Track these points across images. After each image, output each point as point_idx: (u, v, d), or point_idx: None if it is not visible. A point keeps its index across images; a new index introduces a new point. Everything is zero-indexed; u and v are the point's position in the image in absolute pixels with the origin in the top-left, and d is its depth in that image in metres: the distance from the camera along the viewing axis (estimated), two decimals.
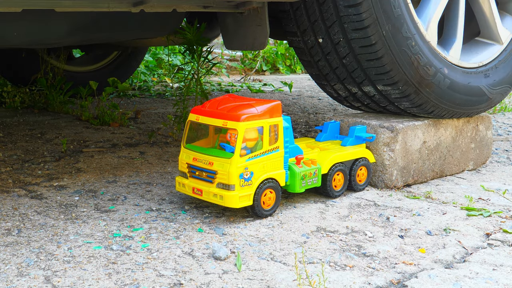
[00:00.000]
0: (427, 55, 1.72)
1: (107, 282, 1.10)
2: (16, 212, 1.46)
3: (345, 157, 1.62)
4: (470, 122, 1.93)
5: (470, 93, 1.84)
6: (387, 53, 1.65)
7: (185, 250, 1.25)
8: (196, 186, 1.44)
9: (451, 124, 1.86)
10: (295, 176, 1.48)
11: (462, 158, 1.93)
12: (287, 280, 1.13)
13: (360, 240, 1.34)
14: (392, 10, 1.63)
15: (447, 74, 1.77)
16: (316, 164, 1.53)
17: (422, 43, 1.71)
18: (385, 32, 1.63)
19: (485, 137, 2.00)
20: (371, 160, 1.69)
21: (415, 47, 1.69)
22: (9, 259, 1.19)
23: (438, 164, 1.85)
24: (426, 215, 1.52)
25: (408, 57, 1.68)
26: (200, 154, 1.44)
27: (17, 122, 2.56)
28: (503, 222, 1.48)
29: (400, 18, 1.65)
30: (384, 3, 1.62)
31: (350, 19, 1.63)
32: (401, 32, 1.66)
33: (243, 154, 1.38)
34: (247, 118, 1.38)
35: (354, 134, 1.68)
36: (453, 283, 1.13)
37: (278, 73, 5.08)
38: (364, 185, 1.69)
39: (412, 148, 1.75)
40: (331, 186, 1.59)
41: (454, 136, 1.88)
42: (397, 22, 1.65)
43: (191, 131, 1.50)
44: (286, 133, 1.49)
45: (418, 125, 1.76)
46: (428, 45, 1.73)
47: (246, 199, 1.40)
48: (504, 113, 3.20)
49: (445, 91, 1.77)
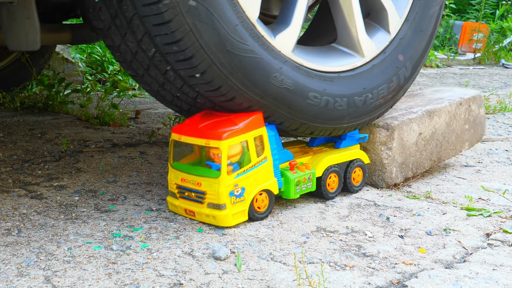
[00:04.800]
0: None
1: (107, 282, 1.10)
2: (16, 212, 1.46)
3: (338, 159, 1.61)
4: (462, 104, 1.93)
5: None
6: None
7: (185, 250, 1.25)
8: (187, 208, 1.42)
9: (444, 110, 1.86)
10: (289, 182, 1.47)
11: (458, 141, 1.93)
12: (287, 280, 1.13)
13: (360, 240, 1.34)
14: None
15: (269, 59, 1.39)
16: (310, 169, 1.52)
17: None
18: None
19: (478, 116, 2.00)
20: (365, 161, 1.69)
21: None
22: (9, 259, 1.19)
23: (435, 152, 1.85)
24: (426, 215, 1.52)
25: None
26: (187, 175, 1.41)
27: (17, 122, 2.56)
28: (503, 222, 1.48)
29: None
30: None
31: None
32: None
33: (230, 171, 1.35)
34: (229, 135, 1.35)
35: (347, 135, 1.67)
36: (453, 283, 1.13)
37: None
38: (360, 186, 1.69)
39: (408, 142, 1.75)
40: (325, 188, 1.58)
41: (448, 122, 1.88)
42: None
43: (176, 149, 1.46)
44: (272, 140, 1.45)
45: (413, 118, 1.76)
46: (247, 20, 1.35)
47: (240, 216, 1.39)
48: (504, 113, 3.20)
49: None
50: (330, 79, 1.54)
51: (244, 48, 1.34)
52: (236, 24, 1.32)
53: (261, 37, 1.38)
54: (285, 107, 1.44)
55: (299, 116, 1.48)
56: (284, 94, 1.43)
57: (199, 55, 1.30)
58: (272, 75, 1.40)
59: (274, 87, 1.41)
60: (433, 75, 5.18)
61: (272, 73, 1.40)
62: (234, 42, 1.32)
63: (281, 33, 1.45)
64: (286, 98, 1.43)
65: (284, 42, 1.44)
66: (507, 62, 6.38)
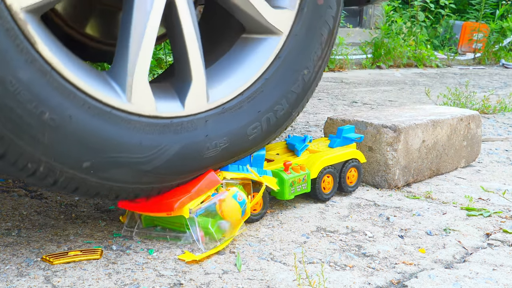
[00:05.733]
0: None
1: (107, 282, 1.10)
2: (16, 212, 1.46)
3: (334, 159, 1.59)
4: (463, 120, 1.94)
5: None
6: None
7: (185, 250, 1.25)
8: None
9: (446, 122, 1.87)
10: (284, 183, 1.45)
11: (456, 156, 1.95)
12: (287, 280, 1.13)
13: (360, 240, 1.34)
14: None
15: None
16: (305, 170, 1.51)
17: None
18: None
19: (475, 135, 2.03)
20: (361, 161, 1.68)
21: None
22: (9, 259, 1.19)
23: (435, 163, 1.86)
24: (426, 215, 1.52)
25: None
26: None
27: None
28: (503, 222, 1.49)
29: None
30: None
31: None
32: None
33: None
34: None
35: (342, 135, 1.66)
36: (453, 283, 1.13)
37: None
38: (354, 187, 1.67)
39: (412, 147, 1.75)
40: (320, 189, 1.57)
41: (449, 135, 1.90)
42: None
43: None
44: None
45: (419, 124, 1.77)
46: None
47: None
48: (504, 113, 3.20)
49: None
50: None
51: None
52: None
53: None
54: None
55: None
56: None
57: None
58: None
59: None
60: (433, 75, 5.18)
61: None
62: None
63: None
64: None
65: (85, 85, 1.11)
66: (507, 62, 6.38)
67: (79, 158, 1.10)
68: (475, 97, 3.44)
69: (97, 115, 1.10)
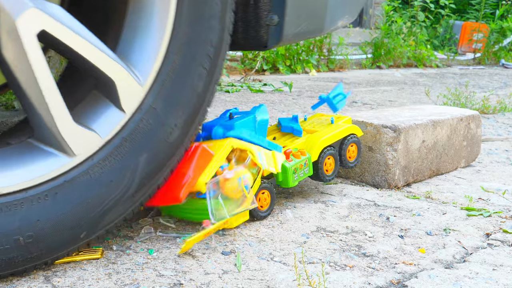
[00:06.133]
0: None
1: (107, 282, 1.10)
2: None
3: (333, 138, 1.58)
4: (463, 120, 1.94)
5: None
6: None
7: None
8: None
9: (446, 123, 1.87)
10: (286, 171, 1.45)
11: (456, 156, 1.95)
12: (287, 280, 1.13)
13: (360, 240, 1.34)
14: None
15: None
16: (305, 154, 1.51)
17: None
18: None
19: (475, 135, 2.03)
20: (358, 134, 1.65)
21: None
22: None
23: (435, 163, 1.86)
24: (426, 215, 1.52)
25: None
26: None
27: (17, 122, 2.56)
28: (503, 222, 1.49)
29: None
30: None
31: None
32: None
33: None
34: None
35: (328, 96, 1.66)
36: (453, 283, 1.14)
37: (278, 73, 5.08)
38: (354, 162, 1.65)
39: (412, 147, 1.76)
40: (322, 171, 1.56)
41: (449, 135, 1.90)
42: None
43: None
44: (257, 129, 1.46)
45: (419, 124, 1.77)
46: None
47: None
48: (504, 113, 3.20)
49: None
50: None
51: None
52: None
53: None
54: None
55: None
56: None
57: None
58: None
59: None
60: (433, 75, 5.18)
61: None
62: None
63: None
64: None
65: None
66: (507, 62, 6.39)
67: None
68: (475, 97, 3.45)
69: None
